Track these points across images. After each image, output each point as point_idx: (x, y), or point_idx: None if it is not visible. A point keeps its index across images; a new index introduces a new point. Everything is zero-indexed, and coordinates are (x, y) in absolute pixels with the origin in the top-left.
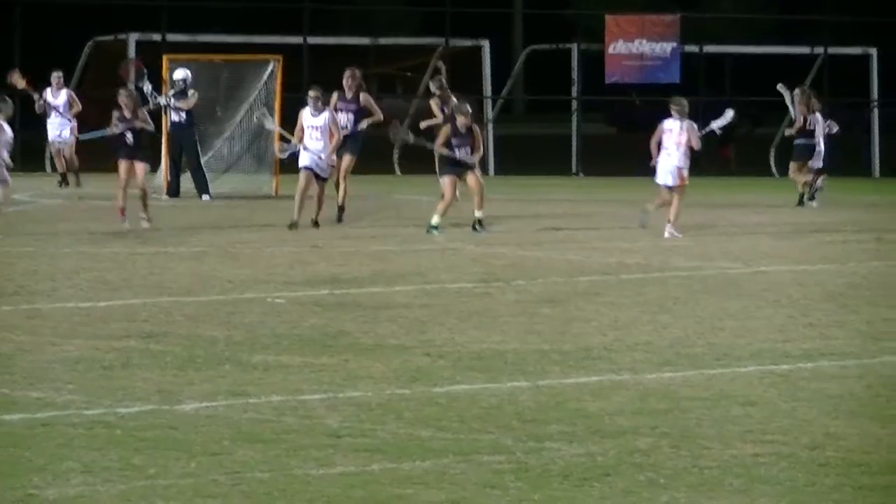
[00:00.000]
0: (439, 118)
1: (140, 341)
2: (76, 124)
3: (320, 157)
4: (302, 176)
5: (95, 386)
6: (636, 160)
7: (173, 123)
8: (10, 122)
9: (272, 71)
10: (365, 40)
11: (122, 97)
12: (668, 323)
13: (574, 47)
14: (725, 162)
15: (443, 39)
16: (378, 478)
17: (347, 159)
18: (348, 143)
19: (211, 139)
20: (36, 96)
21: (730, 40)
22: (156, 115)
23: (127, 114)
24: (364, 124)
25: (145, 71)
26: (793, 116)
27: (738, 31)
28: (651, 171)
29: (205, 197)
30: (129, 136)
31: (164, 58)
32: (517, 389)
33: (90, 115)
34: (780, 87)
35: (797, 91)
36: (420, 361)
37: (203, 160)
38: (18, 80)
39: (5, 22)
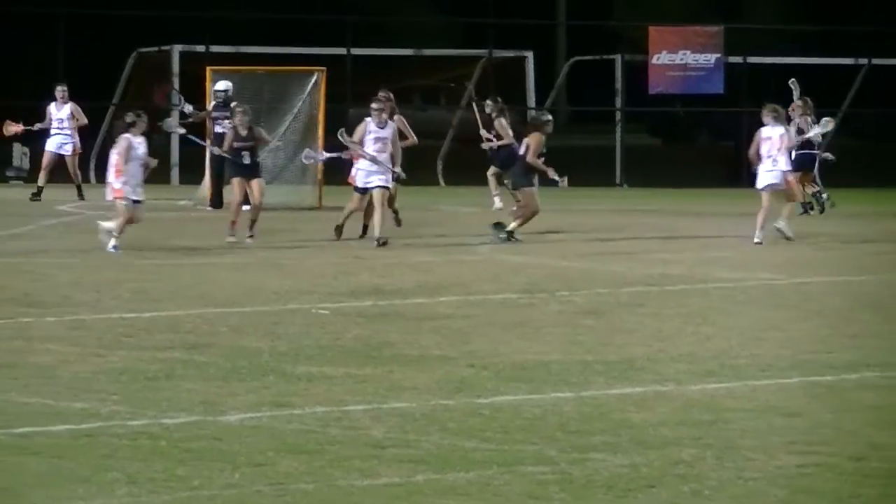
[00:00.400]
0: (509, 137)
1: (184, 352)
2: (78, 139)
3: (387, 168)
4: (357, 198)
5: (139, 397)
6: (679, 171)
7: (217, 135)
8: (147, 135)
9: (315, 82)
10: (408, 51)
11: (238, 116)
12: (712, 334)
13: (617, 58)
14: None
15: (486, 51)
16: (422, 488)
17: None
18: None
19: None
20: (36, 126)
21: (773, 51)
22: (198, 126)
23: (243, 132)
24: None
25: (175, 89)
26: (794, 110)
27: (782, 42)
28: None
29: (245, 207)
30: (247, 156)
31: (208, 69)
32: (561, 400)
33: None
34: (791, 82)
35: (799, 101)
36: (464, 372)
37: None
38: (12, 128)
39: (49, 34)
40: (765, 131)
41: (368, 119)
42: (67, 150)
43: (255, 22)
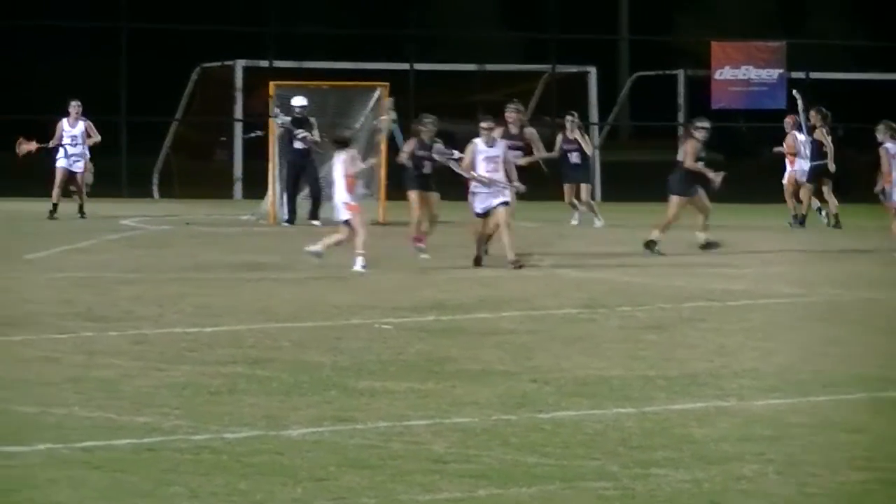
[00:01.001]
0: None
1: (246, 367)
2: (89, 156)
3: (503, 187)
4: (477, 223)
5: (202, 411)
6: (742, 186)
7: (296, 151)
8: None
9: (379, 97)
10: (471, 67)
11: (425, 125)
12: (774, 349)
13: (680, 73)
14: None
15: (549, 66)
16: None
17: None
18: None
19: (317, 165)
20: (49, 144)
21: (836, 66)
22: (262, 141)
23: (427, 141)
24: (524, 161)
25: (273, 102)
26: (800, 120)
27: (844, 58)
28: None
29: (314, 222)
30: (427, 167)
31: (271, 84)
32: (622, 415)
33: (194, 141)
34: (795, 92)
35: (813, 112)
36: (525, 387)
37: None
38: (25, 146)
39: (112, 48)
40: (892, 147)
41: (477, 140)
42: (79, 168)
43: (318, 37)
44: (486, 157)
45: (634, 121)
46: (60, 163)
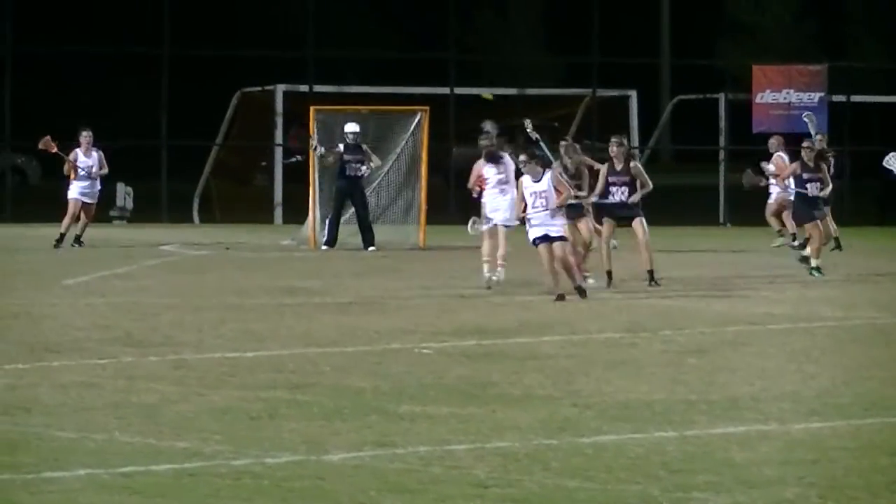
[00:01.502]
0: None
1: (287, 392)
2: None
3: (550, 220)
4: (540, 250)
5: (242, 436)
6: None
7: (348, 178)
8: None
9: (419, 121)
10: (512, 91)
11: (615, 147)
12: (816, 373)
13: (721, 97)
14: None
15: (590, 90)
16: None
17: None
18: (630, 209)
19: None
20: (68, 159)
21: (877, 90)
22: (302, 166)
23: (618, 166)
24: (636, 197)
25: (309, 135)
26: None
27: (886, 81)
28: None
29: (370, 248)
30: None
31: (311, 109)
32: (664, 439)
33: (234, 165)
34: (805, 116)
35: (818, 136)
36: (567, 412)
37: (350, 211)
38: (50, 145)
39: (153, 74)
40: None
41: (523, 177)
42: (94, 199)
43: (359, 61)
44: (533, 192)
45: (675, 144)
46: (74, 194)
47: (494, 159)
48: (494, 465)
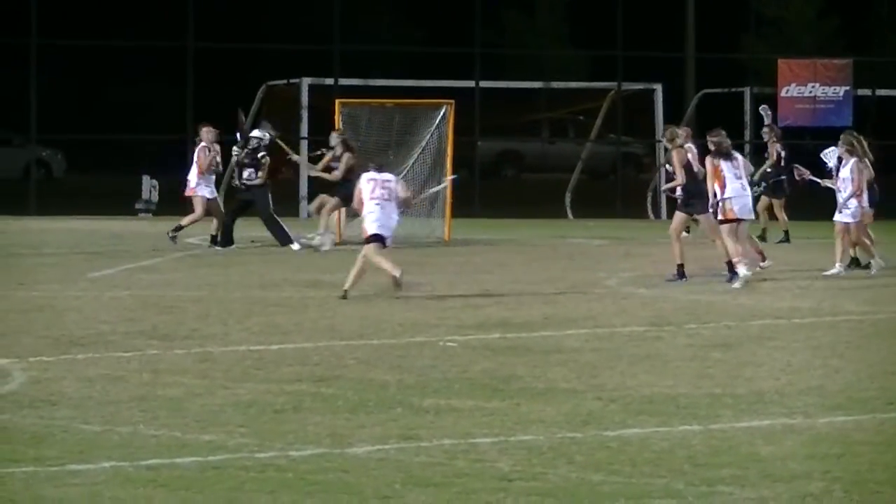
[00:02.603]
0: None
1: (311, 385)
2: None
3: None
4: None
5: (267, 429)
6: (810, 203)
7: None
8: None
9: (444, 115)
10: (537, 84)
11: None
12: (840, 367)
13: (746, 91)
14: None
15: (615, 83)
16: None
17: None
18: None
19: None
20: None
21: None
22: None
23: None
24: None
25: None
26: (767, 133)
27: None
28: None
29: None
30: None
31: (336, 102)
32: (689, 433)
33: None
34: (762, 109)
35: (766, 129)
36: (591, 405)
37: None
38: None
39: (178, 67)
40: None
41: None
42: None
43: (384, 54)
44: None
45: (700, 138)
46: (204, 192)
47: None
48: (519, 458)
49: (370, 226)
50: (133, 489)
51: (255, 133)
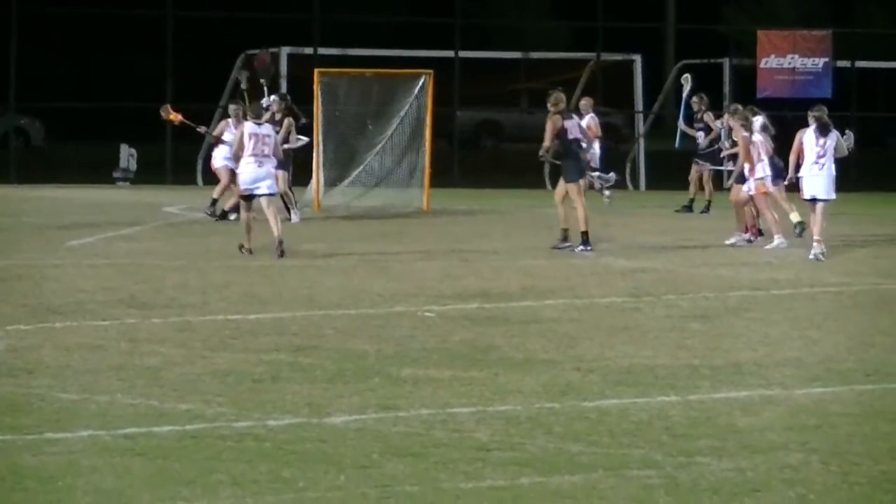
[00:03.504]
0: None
1: (290, 354)
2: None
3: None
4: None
5: (245, 399)
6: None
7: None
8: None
9: (423, 85)
10: (516, 55)
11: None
12: (819, 339)
13: (726, 62)
14: None
15: (594, 54)
16: (527, 492)
17: None
18: None
19: (361, 153)
20: (208, 131)
21: (882, 55)
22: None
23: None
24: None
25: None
26: (682, 108)
27: (891, 47)
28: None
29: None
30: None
31: (316, 72)
32: (667, 404)
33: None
34: (684, 78)
35: (695, 99)
36: (570, 376)
37: (354, 174)
38: (172, 115)
39: (157, 37)
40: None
41: None
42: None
43: (363, 24)
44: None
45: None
46: (221, 162)
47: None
48: (497, 428)
49: (243, 183)
50: (110, 458)
51: (267, 101)
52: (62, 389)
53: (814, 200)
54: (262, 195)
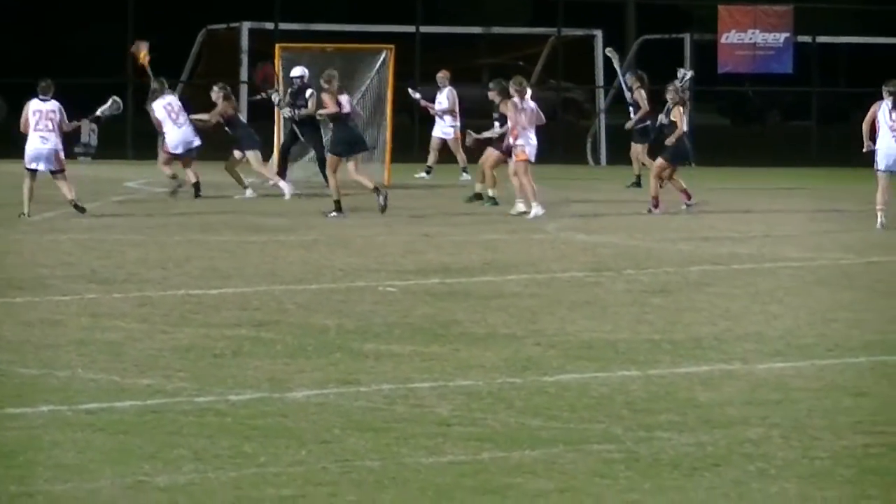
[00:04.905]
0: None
1: (251, 329)
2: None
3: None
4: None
5: (206, 374)
6: (749, 150)
7: (285, 120)
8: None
9: (384, 60)
10: (477, 29)
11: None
12: (780, 313)
13: (686, 37)
14: None
15: (555, 29)
16: (488, 466)
17: None
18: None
19: (322, 128)
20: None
21: (843, 31)
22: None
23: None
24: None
25: (276, 81)
26: (622, 82)
27: (852, 22)
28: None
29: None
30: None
31: (277, 47)
32: (628, 379)
33: (201, 104)
34: (608, 50)
35: (629, 75)
36: (530, 351)
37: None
38: (143, 55)
39: (118, 11)
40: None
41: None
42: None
43: None
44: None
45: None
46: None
47: None
48: (458, 403)
49: (28, 157)
50: (71, 433)
51: (296, 72)
52: (22, 364)
53: (889, 171)
54: (53, 171)
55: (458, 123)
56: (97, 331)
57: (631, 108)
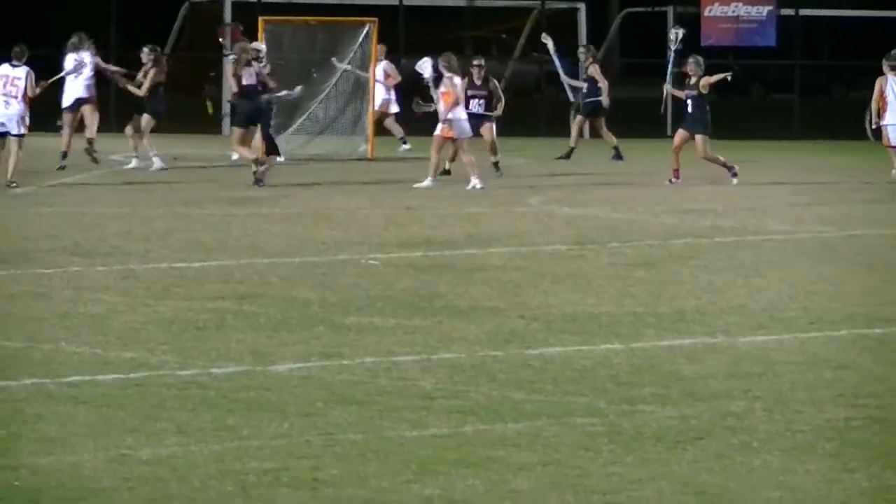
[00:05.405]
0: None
1: (234, 302)
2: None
3: None
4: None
5: (189, 347)
6: (732, 123)
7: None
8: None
9: (367, 33)
10: (461, 2)
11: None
12: (762, 286)
13: (670, 10)
14: None
15: (539, 2)
16: (471, 440)
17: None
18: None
19: (306, 101)
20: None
21: (826, 3)
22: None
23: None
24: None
25: (242, 40)
26: (557, 68)
27: None
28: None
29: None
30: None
31: (260, 19)
32: (611, 352)
33: (183, 76)
34: (544, 36)
35: (582, 49)
36: (514, 324)
37: (298, 122)
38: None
39: None
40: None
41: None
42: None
43: None
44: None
45: (624, 58)
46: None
47: None
48: (441, 376)
49: None
50: (55, 406)
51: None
52: (6, 338)
53: None
54: (13, 135)
55: (392, 96)
56: (80, 304)
57: (586, 84)
